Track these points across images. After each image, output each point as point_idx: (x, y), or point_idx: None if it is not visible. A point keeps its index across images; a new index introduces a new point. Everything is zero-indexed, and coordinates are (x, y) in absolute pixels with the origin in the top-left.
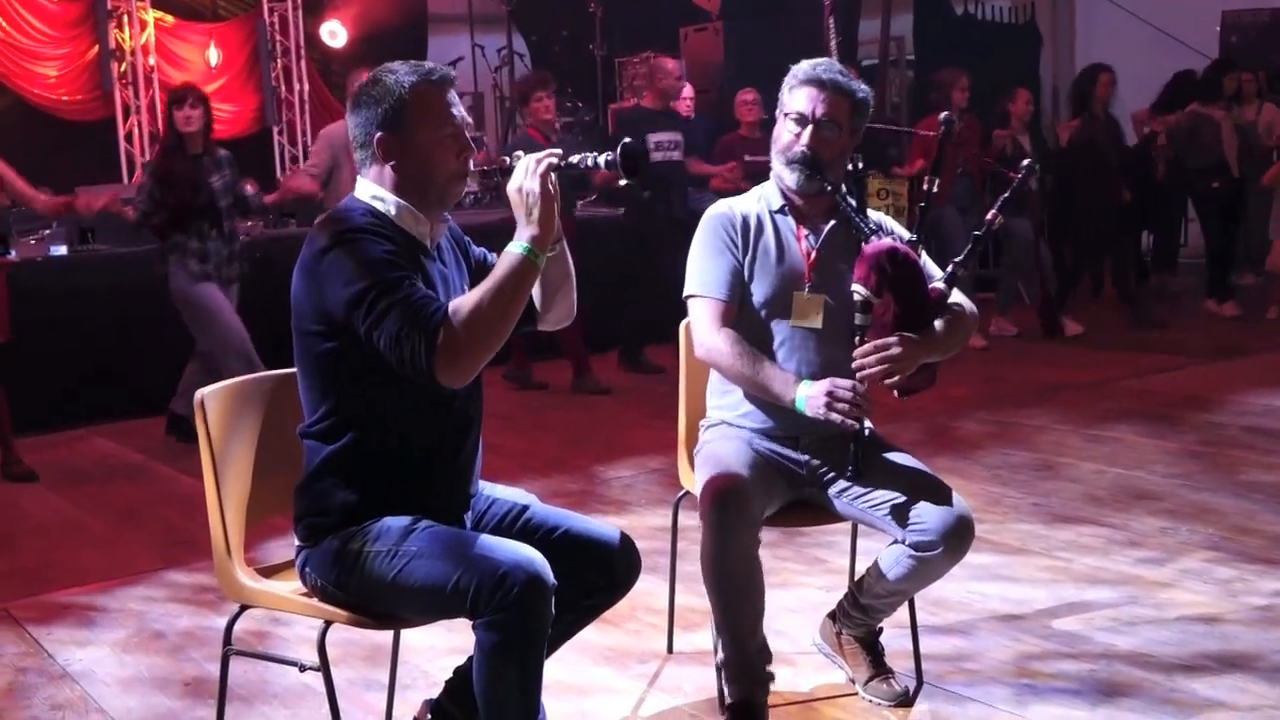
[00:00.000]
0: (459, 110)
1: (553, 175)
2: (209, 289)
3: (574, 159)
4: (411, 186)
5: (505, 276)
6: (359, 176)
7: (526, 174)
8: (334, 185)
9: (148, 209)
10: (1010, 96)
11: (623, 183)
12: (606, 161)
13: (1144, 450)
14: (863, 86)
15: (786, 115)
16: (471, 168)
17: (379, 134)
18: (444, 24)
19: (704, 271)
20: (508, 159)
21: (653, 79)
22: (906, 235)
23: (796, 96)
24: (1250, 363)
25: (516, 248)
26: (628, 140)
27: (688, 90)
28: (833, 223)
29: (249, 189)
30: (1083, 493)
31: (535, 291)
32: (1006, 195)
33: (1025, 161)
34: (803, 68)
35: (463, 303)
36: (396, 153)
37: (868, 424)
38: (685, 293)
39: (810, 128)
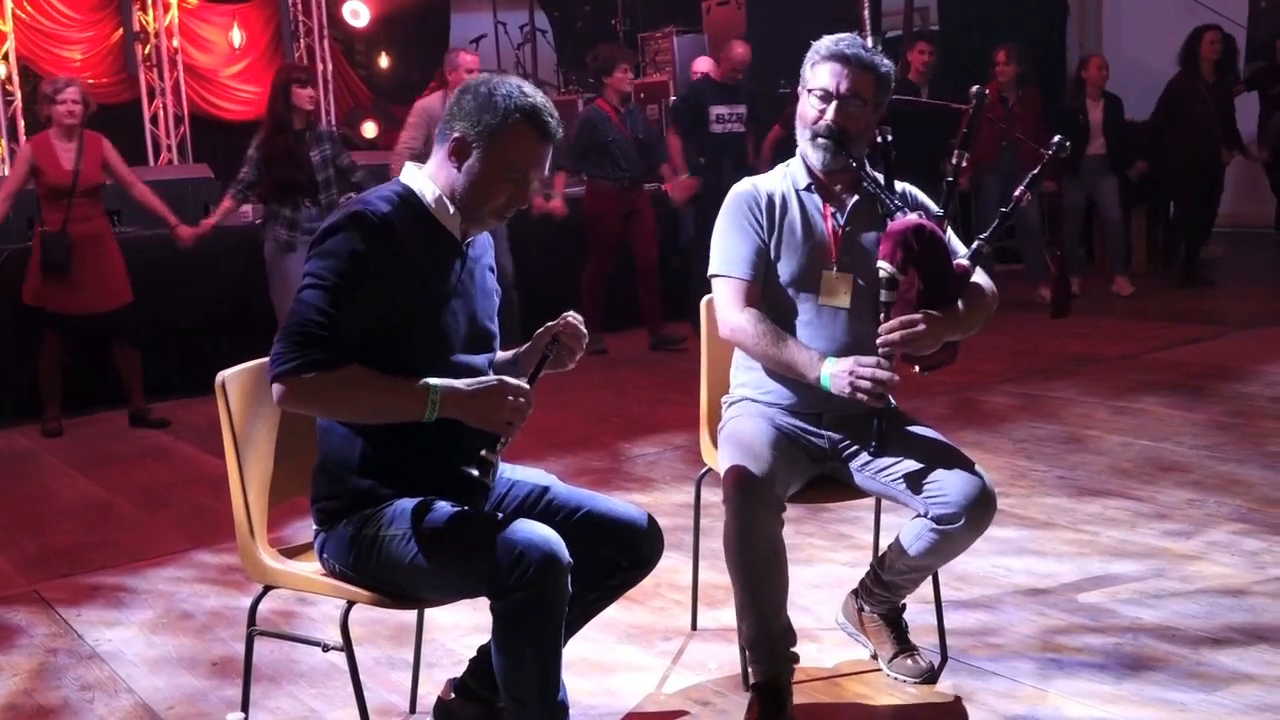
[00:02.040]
0: (541, 168)
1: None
2: (291, 261)
3: (499, 448)
4: (456, 194)
5: (393, 394)
6: (409, 163)
7: (494, 405)
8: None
9: (252, 179)
10: (1082, 64)
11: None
12: (480, 458)
13: (1171, 422)
14: (885, 61)
15: (810, 91)
16: (508, 216)
17: (459, 133)
18: (466, 1)
19: (727, 250)
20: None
21: (726, 54)
22: (934, 209)
23: (820, 72)
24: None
25: (430, 389)
26: (484, 453)
27: (706, 64)
28: (857, 198)
29: (350, 162)
30: (1109, 465)
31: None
32: (1035, 172)
33: (1056, 138)
34: (825, 43)
35: (340, 377)
36: (463, 158)
37: (891, 400)
38: (709, 272)
39: (835, 103)
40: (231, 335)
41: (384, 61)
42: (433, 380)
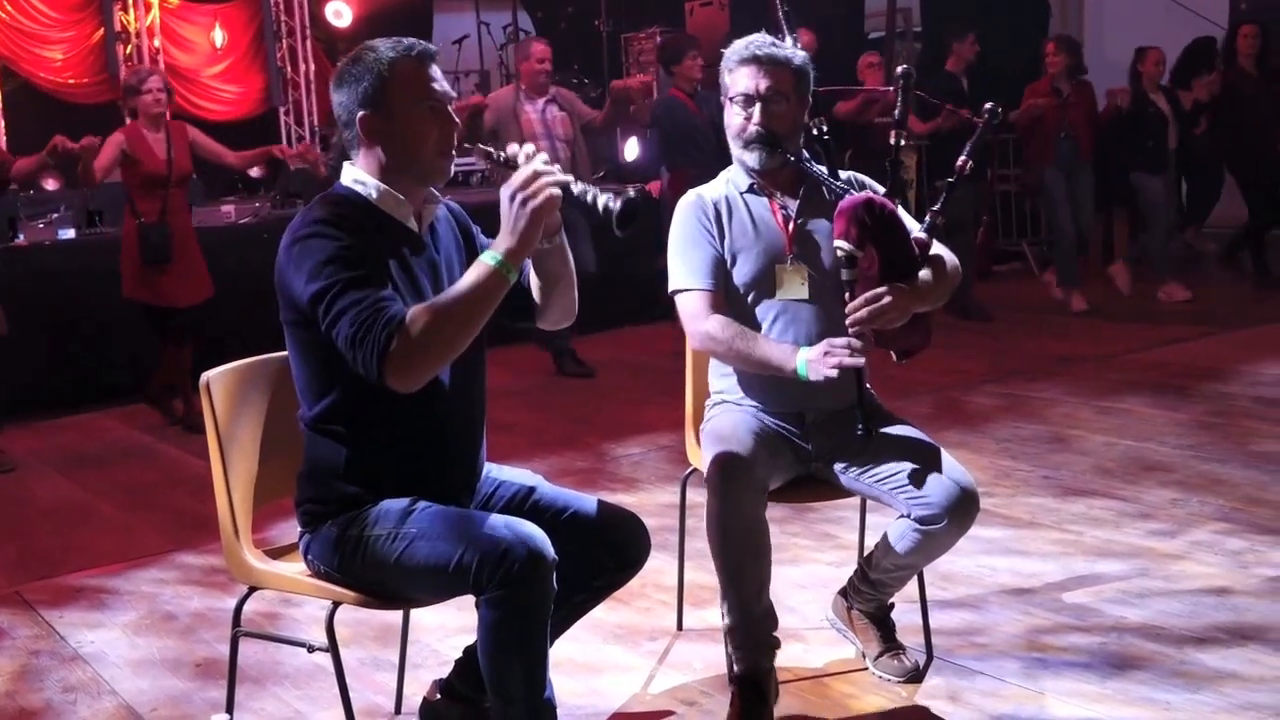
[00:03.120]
0: (441, 84)
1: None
2: None
3: (577, 189)
4: (396, 166)
5: (471, 287)
6: (345, 162)
7: (528, 189)
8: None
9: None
10: (1139, 57)
11: (619, 233)
12: (604, 206)
13: (1154, 422)
14: (798, 53)
15: (732, 100)
16: (455, 142)
17: (361, 113)
18: (449, 1)
19: (686, 263)
20: (520, 157)
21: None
22: (880, 190)
23: (738, 78)
24: (1264, 333)
25: (489, 258)
26: (632, 194)
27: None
28: (803, 190)
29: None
30: (1093, 465)
31: (534, 285)
32: (973, 141)
33: (987, 106)
34: (736, 48)
35: (421, 312)
36: (380, 131)
37: (872, 391)
38: (670, 288)
39: (758, 105)
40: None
41: None
42: (487, 255)
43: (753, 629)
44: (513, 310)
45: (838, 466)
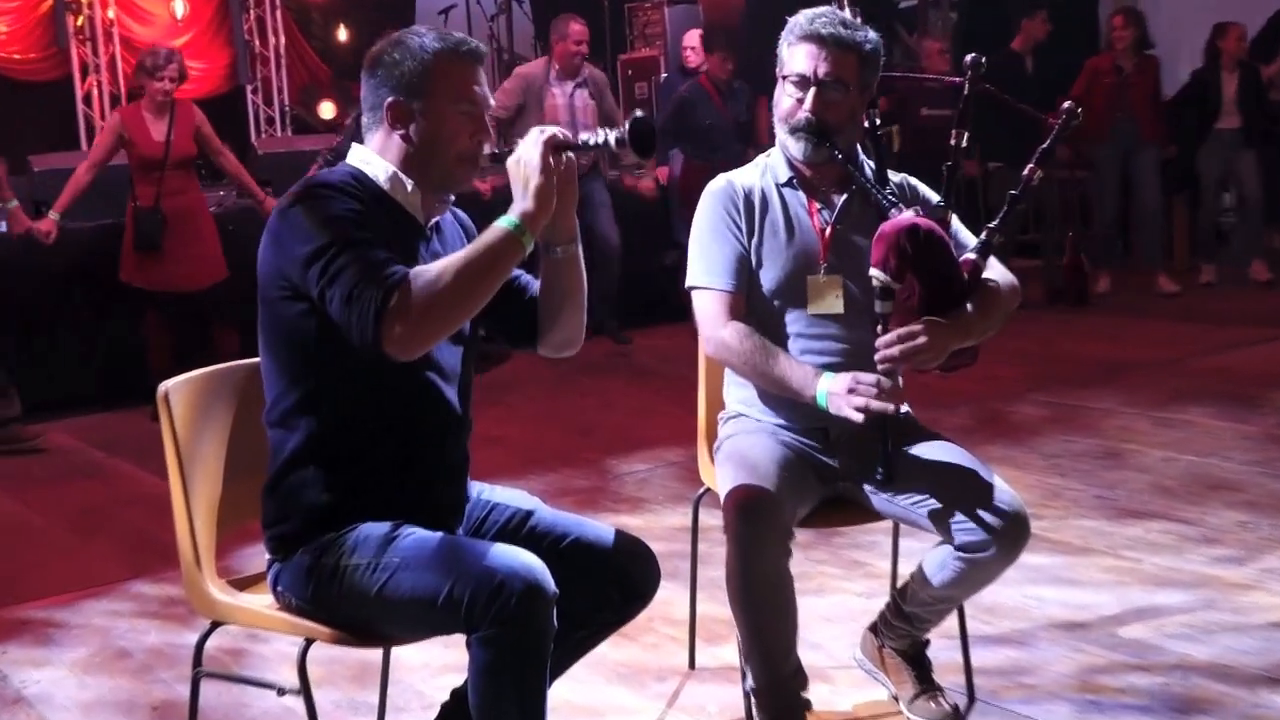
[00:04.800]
0: (483, 89)
1: (564, 155)
2: None
3: (583, 137)
4: (415, 161)
5: (482, 248)
6: (355, 143)
7: (528, 144)
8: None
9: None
10: (1218, 33)
11: (643, 157)
12: (616, 139)
13: (1220, 435)
14: (871, 36)
15: (785, 78)
16: (485, 151)
17: (390, 98)
18: None
19: (706, 258)
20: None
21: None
22: (934, 198)
23: (795, 55)
24: None
25: (503, 221)
26: (638, 114)
27: (698, 39)
28: (847, 194)
29: None
30: (1152, 483)
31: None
32: (1045, 145)
33: (1066, 104)
34: (799, 21)
35: (426, 269)
36: (406, 121)
37: (905, 408)
38: (687, 283)
39: (813, 90)
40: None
41: (343, 34)
42: (501, 219)
43: (781, 691)
44: (513, 329)
45: (868, 486)
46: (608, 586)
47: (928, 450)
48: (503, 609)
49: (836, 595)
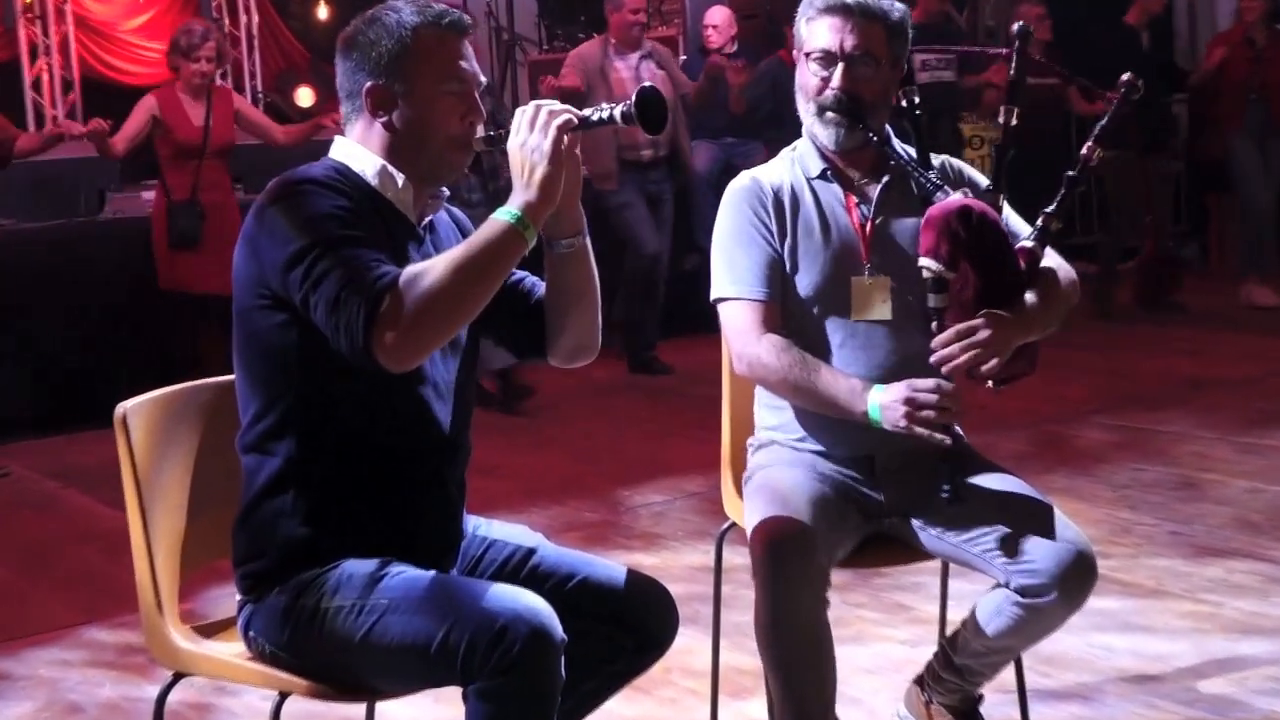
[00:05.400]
0: (471, 64)
1: (564, 136)
2: None
3: (588, 113)
4: (401, 149)
5: (480, 244)
6: (339, 137)
7: (534, 127)
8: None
9: None
10: None
11: (653, 131)
12: (622, 114)
13: None
14: (898, 5)
15: (809, 55)
16: (479, 133)
17: (369, 83)
18: None
19: (734, 266)
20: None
21: None
22: (982, 183)
23: (817, 30)
24: None
25: (503, 214)
26: (646, 85)
27: (719, 17)
28: (885, 180)
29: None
30: (1234, 517)
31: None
32: (1104, 123)
33: (1125, 76)
34: None
35: (420, 268)
36: (388, 106)
37: (958, 429)
38: (713, 295)
39: (840, 66)
40: (127, 357)
41: (322, 13)
42: (500, 211)
43: None
44: (519, 337)
45: (916, 522)
46: (620, 633)
47: (982, 481)
48: (505, 657)
49: (878, 644)
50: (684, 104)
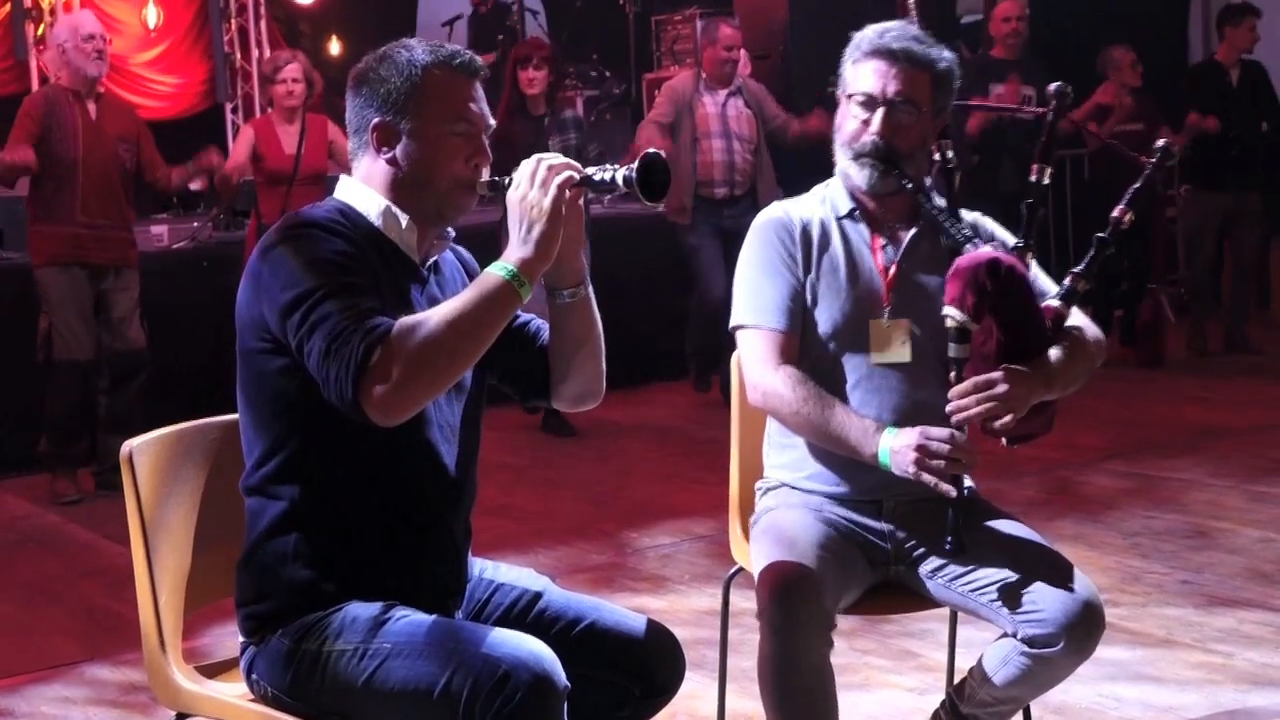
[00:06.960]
0: (480, 107)
1: (565, 193)
2: None
3: (591, 171)
4: (405, 187)
5: (474, 300)
6: (343, 175)
7: (535, 182)
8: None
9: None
10: None
11: (651, 203)
12: (624, 178)
13: None
14: (946, 54)
15: (850, 97)
16: (484, 177)
17: (376, 119)
18: None
19: (756, 295)
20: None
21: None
22: (1011, 241)
23: (862, 73)
24: None
25: (498, 269)
26: (650, 151)
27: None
28: (915, 229)
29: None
30: (1246, 567)
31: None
32: (1138, 185)
33: (1160, 143)
34: (867, 36)
35: (413, 321)
36: (393, 142)
37: (968, 481)
38: (732, 322)
39: (881, 111)
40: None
41: (335, 47)
42: (494, 266)
43: None
44: (523, 381)
45: (923, 570)
46: (626, 679)
47: (990, 529)
48: (506, 704)
49: (884, 690)
50: (776, 139)
